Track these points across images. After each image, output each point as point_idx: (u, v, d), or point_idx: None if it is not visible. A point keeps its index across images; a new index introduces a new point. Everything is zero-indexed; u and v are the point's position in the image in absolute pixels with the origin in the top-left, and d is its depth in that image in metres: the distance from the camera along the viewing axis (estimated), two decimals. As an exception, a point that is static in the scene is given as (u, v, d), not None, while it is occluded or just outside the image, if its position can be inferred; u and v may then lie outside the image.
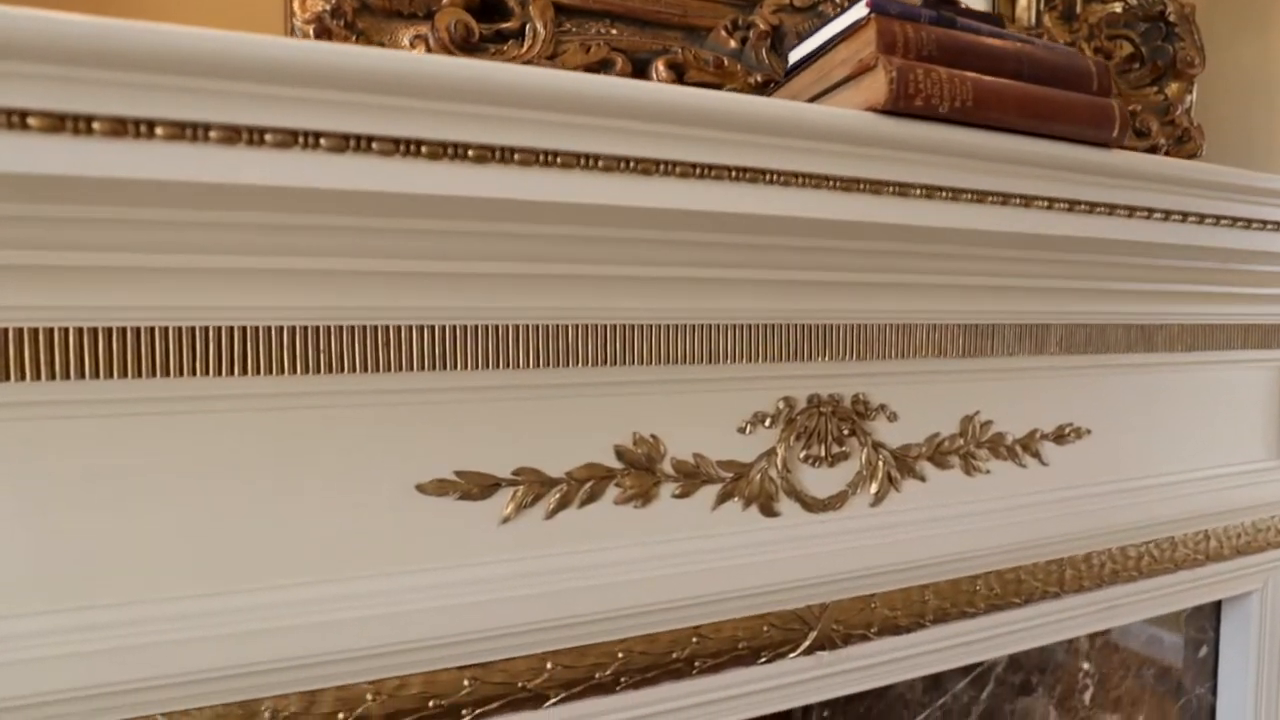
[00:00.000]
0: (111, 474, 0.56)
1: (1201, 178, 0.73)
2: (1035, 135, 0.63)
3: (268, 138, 0.43)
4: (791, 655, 0.82)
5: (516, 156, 0.48)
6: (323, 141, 0.44)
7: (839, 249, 0.70)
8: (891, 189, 0.59)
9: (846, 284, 0.74)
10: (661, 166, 0.52)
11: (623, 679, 0.74)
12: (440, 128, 0.46)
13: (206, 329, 0.56)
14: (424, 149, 0.46)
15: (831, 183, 0.57)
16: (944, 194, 0.61)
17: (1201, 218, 0.75)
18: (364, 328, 0.60)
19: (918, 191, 0.60)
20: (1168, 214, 0.73)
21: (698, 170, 0.53)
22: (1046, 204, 0.66)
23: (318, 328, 0.59)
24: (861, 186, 0.58)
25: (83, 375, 0.54)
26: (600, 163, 0.50)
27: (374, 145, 0.45)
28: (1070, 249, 0.78)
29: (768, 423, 0.79)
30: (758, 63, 0.76)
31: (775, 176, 0.55)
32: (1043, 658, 1.09)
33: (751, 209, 0.55)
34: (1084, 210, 0.68)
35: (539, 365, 0.66)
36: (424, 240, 0.57)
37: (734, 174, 0.54)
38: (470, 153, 0.47)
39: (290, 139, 0.43)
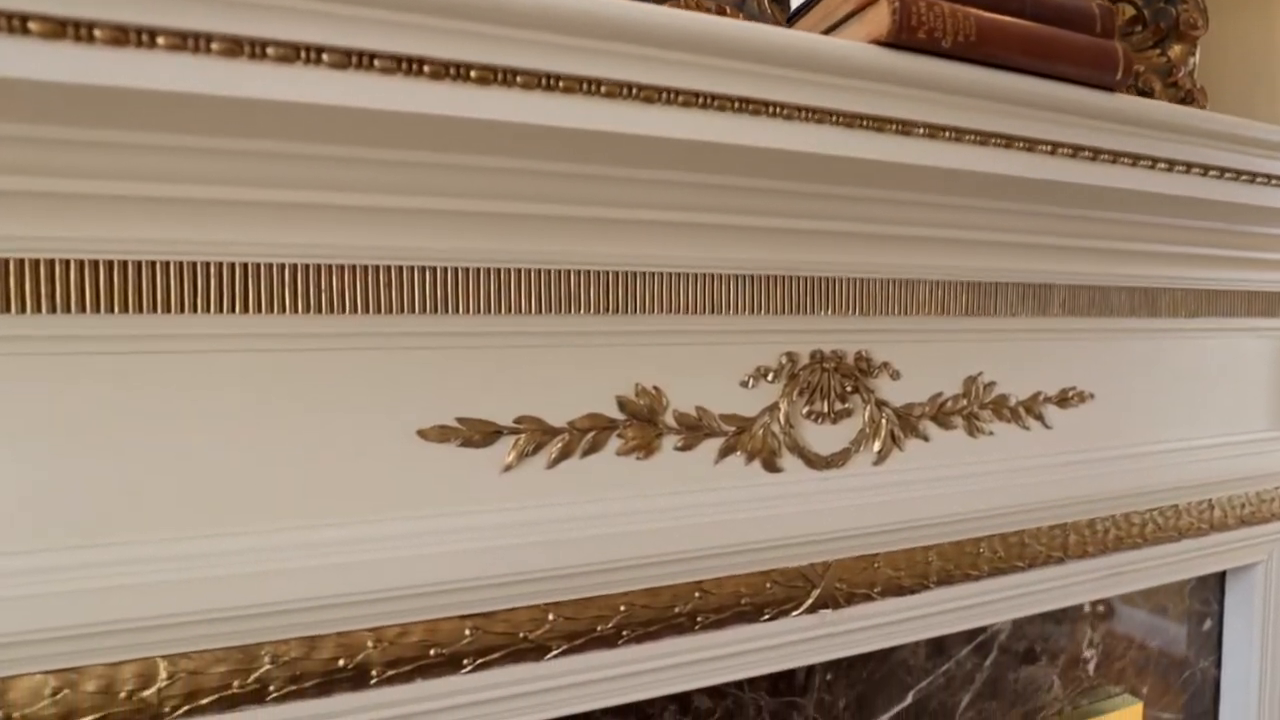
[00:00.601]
0: (111, 411, 0.56)
1: (1205, 127, 0.72)
2: (1038, 75, 0.63)
3: (270, 51, 0.43)
4: (795, 613, 0.82)
5: (519, 79, 0.48)
6: (325, 57, 0.44)
7: (841, 196, 0.69)
8: (894, 127, 0.59)
9: (849, 234, 0.74)
10: (664, 95, 0.51)
11: (625, 632, 0.74)
12: (443, 46, 0.46)
13: (207, 264, 0.56)
14: (426, 68, 0.46)
15: (835, 118, 0.57)
16: (947, 134, 0.61)
17: (1205, 169, 0.74)
18: (364, 267, 0.60)
19: (921, 130, 0.60)
20: (1171, 164, 0.72)
21: (700, 100, 0.53)
22: (1050, 149, 0.66)
23: (318, 266, 0.59)
24: (864, 123, 0.58)
25: (83, 309, 0.54)
26: (603, 88, 0.50)
27: (376, 63, 0.45)
28: (1073, 201, 0.77)
29: (770, 377, 0.78)
30: (759, 11, 0.76)
31: (778, 109, 0.55)
32: (1045, 627, 1.09)
33: (753, 141, 0.55)
34: (1087, 157, 0.68)
35: (540, 311, 0.66)
36: (424, 175, 0.57)
37: (736, 105, 0.54)
38: (473, 73, 0.47)
39: (292, 53, 0.43)
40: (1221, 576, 1.24)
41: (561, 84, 0.49)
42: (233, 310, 0.57)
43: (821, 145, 0.57)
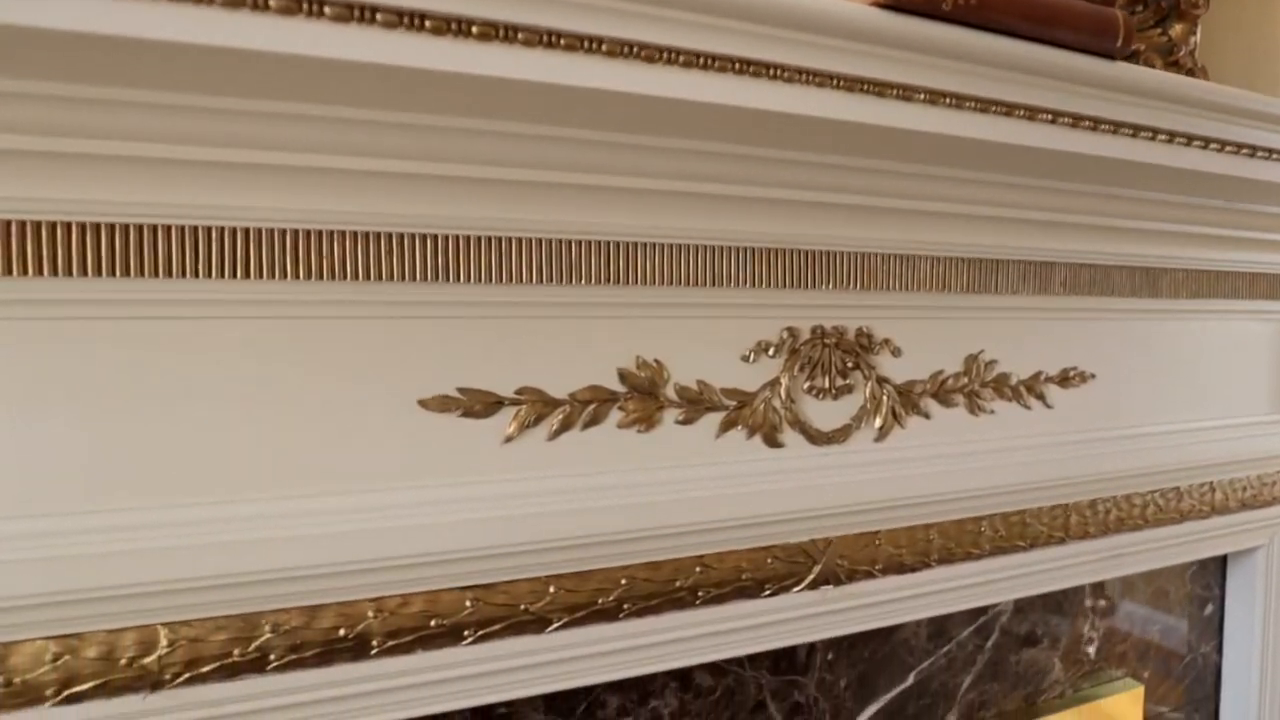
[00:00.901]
0: (112, 376, 0.56)
1: (1206, 98, 0.72)
2: (1039, 41, 0.63)
3: (271, 3, 0.43)
4: (796, 589, 0.82)
5: (520, 36, 0.48)
6: (326, 9, 0.44)
7: (843, 166, 0.69)
8: (895, 92, 0.59)
9: (850, 207, 0.74)
10: (664, 54, 0.51)
11: (626, 606, 0.74)
12: (446, 0, 0.46)
13: (209, 229, 0.56)
14: (428, 23, 0.46)
15: (835, 81, 0.57)
16: (947, 100, 0.61)
17: (1206, 142, 0.74)
18: (364, 234, 0.60)
19: (921, 96, 0.60)
20: (1171, 136, 0.72)
21: (700, 60, 0.53)
22: (1050, 117, 0.66)
23: (318, 232, 0.59)
24: (865, 87, 0.58)
25: (84, 273, 0.54)
26: (604, 46, 0.50)
27: (378, 16, 0.45)
28: (1073, 174, 0.77)
29: (771, 352, 0.78)
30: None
31: (779, 71, 0.55)
32: (1047, 610, 1.09)
33: (753, 104, 0.55)
34: (1087, 127, 0.68)
35: (541, 281, 0.66)
36: (424, 138, 0.57)
37: (737, 66, 0.54)
38: (474, 29, 0.47)
39: (294, 5, 0.43)
40: (1223, 561, 1.24)
41: (563, 41, 0.49)
42: (233, 276, 0.57)
43: (822, 109, 0.57)
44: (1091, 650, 1.13)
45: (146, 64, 0.45)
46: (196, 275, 0.56)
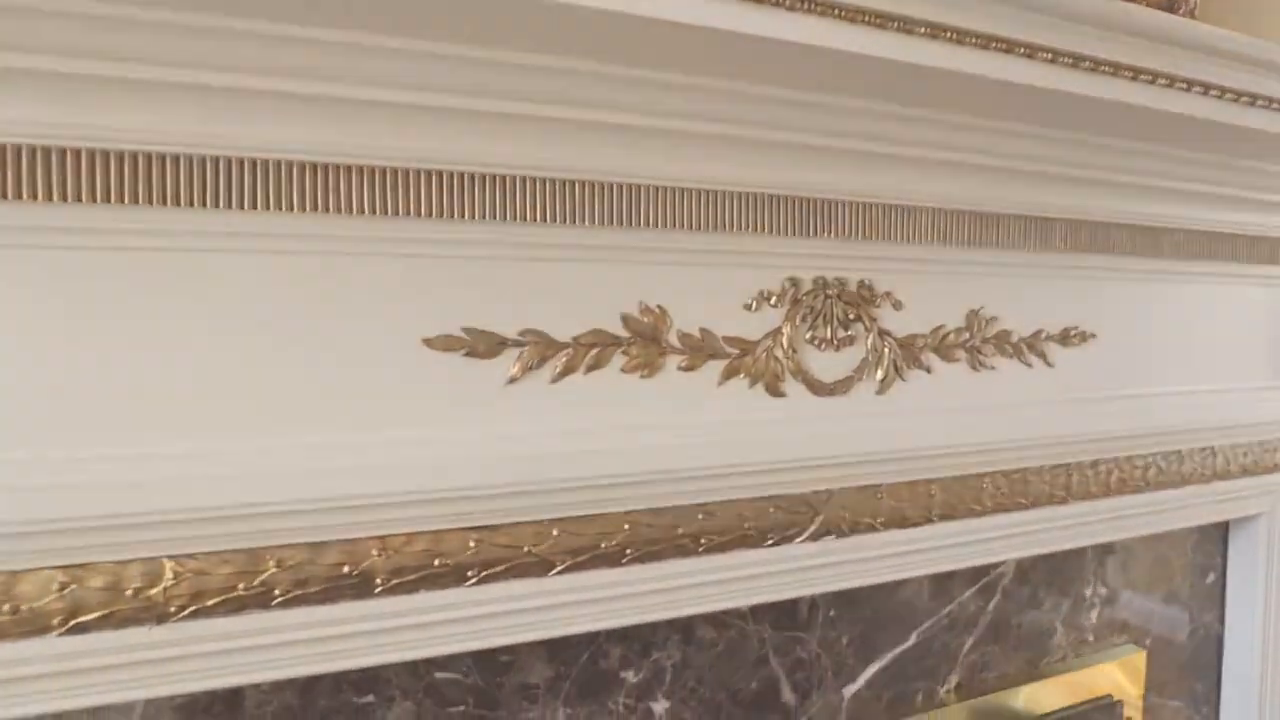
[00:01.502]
0: (120, 306, 0.56)
1: (1206, 40, 0.72)
2: (1038, -23, 0.63)
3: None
4: (798, 540, 0.82)
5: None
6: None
7: (842, 108, 0.70)
8: (895, 24, 0.59)
9: (851, 153, 0.75)
10: (669, -23, 0.52)
11: (629, 551, 0.74)
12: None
13: (216, 159, 0.57)
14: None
15: (836, 11, 0.57)
16: (949, 35, 0.62)
17: (1205, 88, 0.75)
18: (371, 168, 0.60)
19: (922, 30, 0.61)
20: (1171, 80, 0.73)
21: (704, -14, 0.53)
22: (1050, 56, 0.66)
23: (326, 165, 0.59)
24: (866, 18, 0.58)
25: (94, 199, 0.54)
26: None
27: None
28: (1071, 119, 0.78)
29: (774, 301, 0.79)
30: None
31: (780, -1, 0.55)
32: (1050, 574, 1.09)
33: (752, 30, 0.55)
34: (1087, 68, 0.69)
35: (545, 220, 0.66)
36: (432, 70, 0.57)
37: (739, -10, 0.54)
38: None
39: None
40: (1224, 530, 1.24)
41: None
42: (239, 208, 0.57)
43: (822, 39, 0.57)
44: (1094, 616, 1.13)
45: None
46: (204, 206, 0.57)
